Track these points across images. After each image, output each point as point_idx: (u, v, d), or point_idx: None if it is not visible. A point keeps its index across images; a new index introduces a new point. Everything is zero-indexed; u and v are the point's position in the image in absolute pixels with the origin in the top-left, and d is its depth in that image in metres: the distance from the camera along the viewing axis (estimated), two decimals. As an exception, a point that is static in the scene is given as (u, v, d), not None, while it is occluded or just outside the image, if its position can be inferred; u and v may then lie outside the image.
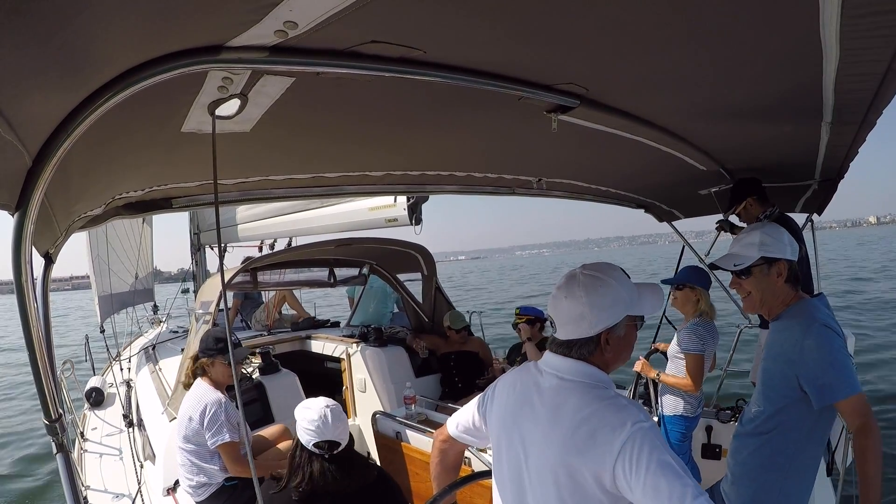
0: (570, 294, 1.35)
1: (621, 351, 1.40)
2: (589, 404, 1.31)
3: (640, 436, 1.21)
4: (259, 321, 6.52)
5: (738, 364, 4.98)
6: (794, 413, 1.94)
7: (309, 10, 0.87)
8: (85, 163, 1.34)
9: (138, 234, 8.86)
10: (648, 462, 1.18)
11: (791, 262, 2.01)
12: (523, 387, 1.46)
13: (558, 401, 1.35)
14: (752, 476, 2.05)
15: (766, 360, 2.06)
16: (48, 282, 1.49)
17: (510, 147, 2.28)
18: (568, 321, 1.36)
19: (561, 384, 1.37)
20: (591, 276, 1.36)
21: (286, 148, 1.83)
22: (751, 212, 3.37)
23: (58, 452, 1.37)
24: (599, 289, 1.34)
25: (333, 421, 2.15)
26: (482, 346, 5.17)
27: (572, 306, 1.34)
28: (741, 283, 2.08)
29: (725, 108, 1.89)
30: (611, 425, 1.25)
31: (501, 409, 1.50)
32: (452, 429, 1.69)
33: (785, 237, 2.03)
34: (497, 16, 1.03)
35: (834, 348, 1.86)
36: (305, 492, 2.08)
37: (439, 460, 1.78)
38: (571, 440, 1.28)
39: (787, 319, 2.01)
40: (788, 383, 1.92)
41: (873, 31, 1.17)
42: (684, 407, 3.35)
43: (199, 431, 3.05)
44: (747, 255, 2.02)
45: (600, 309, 1.33)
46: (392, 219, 4.99)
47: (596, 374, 1.36)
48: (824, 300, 2.09)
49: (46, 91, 0.90)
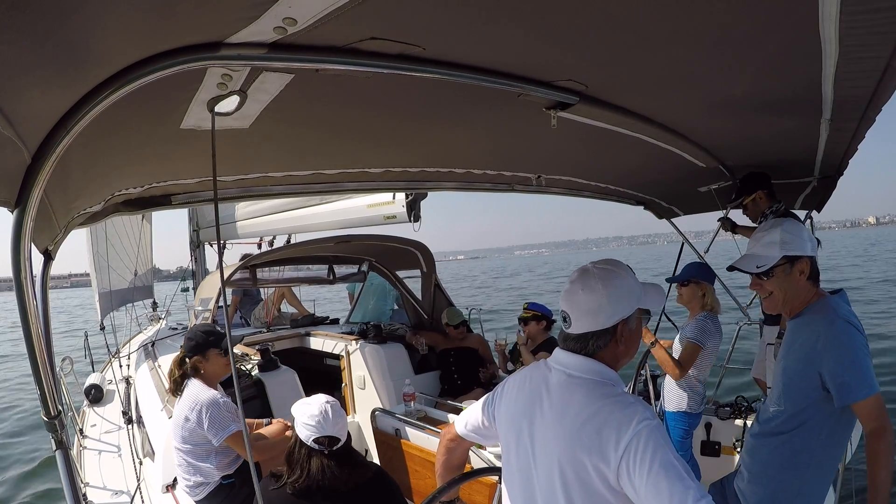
0: (587, 286, 1.37)
1: (632, 344, 1.42)
2: (595, 401, 1.31)
3: (645, 434, 1.21)
4: (258, 318, 6.51)
5: (736, 361, 4.99)
6: (816, 413, 1.89)
7: (308, 6, 0.87)
8: (84, 159, 1.34)
9: (138, 231, 8.86)
10: (652, 461, 1.18)
11: (812, 259, 1.96)
12: (532, 384, 1.47)
13: (566, 398, 1.36)
14: (771, 475, 2.01)
15: (786, 359, 2.00)
16: (47, 278, 1.49)
17: (509, 144, 2.27)
18: (586, 312, 1.37)
19: (569, 381, 1.38)
20: (604, 269, 1.39)
21: (285, 144, 1.83)
22: (759, 205, 3.37)
23: (57, 449, 1.38)
24: (615, 280, 1.37)
25: (333, 416, 2.15)
26: (481, 342, 5.17)
27: (590, 298, 1.36)
28: (762, 284, 2.00)
29: (725, 104, 1.88)
30: (617, 422, 1.25)
31: (510, 407, 1.51)
32: (461, 427, 1.70)
33: (804, 233, 1.96)
34: (496, 12, 1.03)
35: (856, 346, 1.82)
36: (302, 488, 2.08)
37: (445, 459, 1.79)
38: (577, 436, 1.29)
39: (808, 316, 1.95)
40: (810, 382, 1.88)
41: (872, 27, 1.17)
42: (688, 403, 3.36)
43: (196, 432, 3.00)
44: (769, 254, 1.95)
45: (617, 300, 1.35)
46: (391, 216, 4.98)
47: (604, 372, 1.37)
48: (845, 297, 2.02)
49: (46, 87, 0.90)
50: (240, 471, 3.13)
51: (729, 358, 4.68)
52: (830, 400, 1.84)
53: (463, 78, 1.29)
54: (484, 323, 6.55)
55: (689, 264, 3.57)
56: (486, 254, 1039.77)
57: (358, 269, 6.00)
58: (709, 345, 3.26)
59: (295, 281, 6.11)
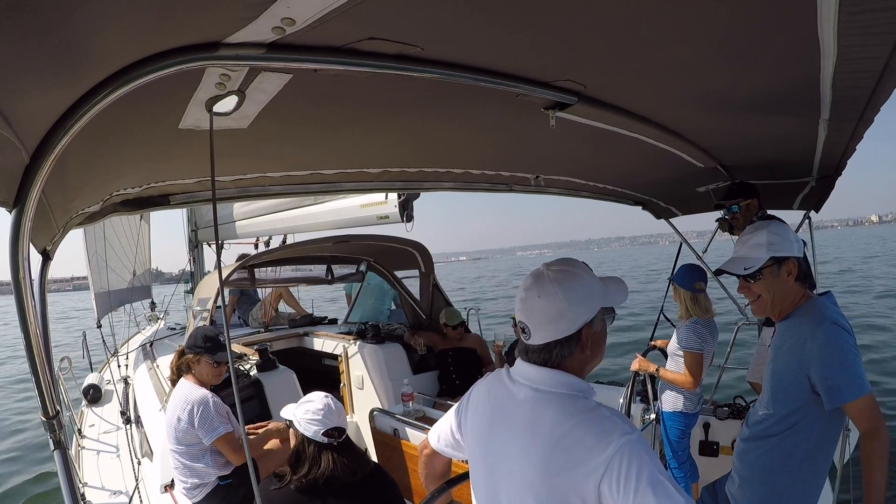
0: (544, 292, 1.26)
1: (598, 347, 1.32)
2: (569, 418, 1.21)
3: (627, 450, 1.12)
4: (256, 318, 6.52)
5: (735, 361, 4.99)
6: (805, 415, 1.89)
7: (306, 6, 0.87)
8: (82, 159, 1.34)
9: (136, 231, 8.86)
10: (638, 480, 1.09)
11: (799, 260, 1.96)
12: (497, 399, 1.37)
13: (535, 414, 1.25)
14: (762, 479, 2.00)
15: (775, 362, 2.00)
16: (45, 279, 1.48)
17: (508, 144, 2.27)
18: (546, 321, 1.26)
19: (537, 396, 1.27)
20: (560, 270, 1.28)
21: (284, 144, 1.83)
22: (753, 211, 3.40)
23: (55, 449, 1.37)
24: (573, 282, 1.26)
25: (336, 408, 2.18)
26: (479, 342, 5.17)
27: (549, 305, 1.25)
28: (750, 287, 1.99)
29: (724, 104, 1.88)
30: (594, 439, 1.15)
31: (475, 423, 1.42)
32: (434, 441, 1.62)
33: (790, 234, 1.97)
34: (495, 12, 1.03)
35: (844, 347, 1.81)
36: (307, 484, 2.08)
37: (426, 473, 1.73)
38: (552, 457, 1.19)
39: (795, 318, 1.95)
40: (800, 385, 1.87)
41: (871, 27, 1.17)
42: (684, 403, 3.36)
43: (189, 431, 3.02)
44: (756, 256, 1.95)
45: (578, 303, 1.25)
46: (384, 216, 4.98)
47: (574, 384, 1.27)
48: (832, 298, 2.02)
49: (44, 87, 0.89)
50: (237, 471, 3.13)
51: (727, 358, 4.68)
52: (820, 402, 1.84)
53: (461, 78, 1.29)
54: (484, 323, 6.57)
55: (683, 266, 3.58)
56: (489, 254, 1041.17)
57: (356, 269, 6.01)
58: (706, 348, 3.27)
59: (293, 281, 6.12)
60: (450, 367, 4.92)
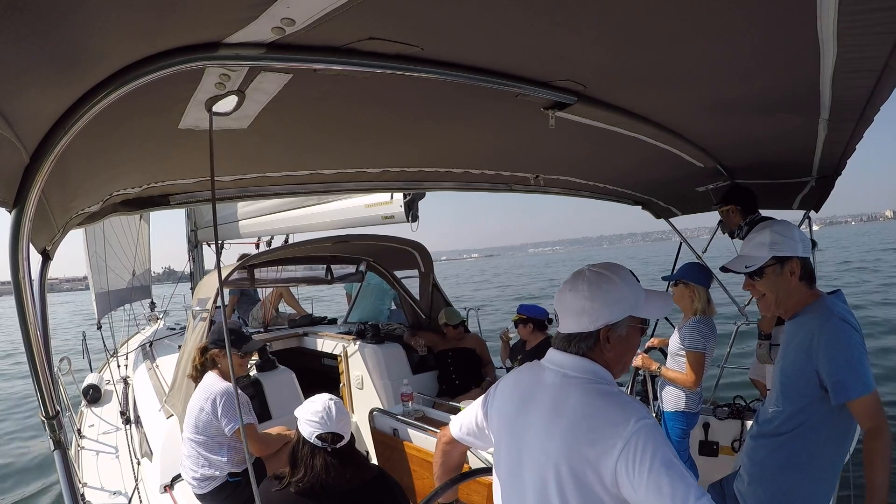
0: (574, 288, 1.38)
1: (623, 352, 1.39)
2: (591, 401, 1.30)
3: (643, 433, 1.20)
4: (256, 318, 6.52)
5: (734, 361, 5.00)
6: (814, 412, 1.89)
7: (306, 7, 0.87)
8: (82, 159, 1.34)
9: (136, 231, 8.86)
10: (652, 460, 1.17)
11: (804, 260, 1.97)
12: (526, 384, 1.46)
13: (560, 397, 1.35)
14: (771, 477, 2.00)
15: (784, 360, 2.01)
16: (45, 279, 1.48)
17: (508, 143, 2.27)
18: (569, 314, 1.38)
19: (563, 381, 1.37)
20: (597, 273, 1.39)
21: (283, 144, 1.83)
22: (732, 218, 3.45)
23: (55, 449, 1.37)
24: (603, 285, 1.36)
25: (337, 413, 2.15)
26: (479, 343, 5.17)
27: (574, 300, 1.36)
28: (754, 285, 2.03)
29: (723, 104, 1.89)
30: (613, 422, 1.24)
31: (503, 407, 1.50)
32: (455, 430, 1.68)
33: (796, 234, 1.98)
34: (495, 13, 1.03)
35: (851, 344, 1.82)
36: (306, 487, 2.08)
37: (442, 461, 1.77)
38: (573, 437, 1.27)
39: (804, 316, 1.96)
40: (808, 382, 1.88)
41: (870, 27, 1.17)
42: (686, 403, 3.36)
43: (211, 422, 3.08)
44: (758, 255, 1.98)
45: (602, 304, 1.34)
46: (388, 216, 4.99)
47: (599, 371, 1.36)
48: (841, 296, 2.04)
49: (44, 87, 0.89)
50: (247, 471, 3.16)
51: (727, 358, 4.69)
52: (829, 399, 1.84)
53: (461, 78, 1.29)
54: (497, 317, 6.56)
55: (685, 264, 3.58)
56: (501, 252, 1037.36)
57: (356, 269, 6.01)
58: (707, 347, 3.27)
59: (293, 281, 6.12)
60: (449, 367, 4.92)
